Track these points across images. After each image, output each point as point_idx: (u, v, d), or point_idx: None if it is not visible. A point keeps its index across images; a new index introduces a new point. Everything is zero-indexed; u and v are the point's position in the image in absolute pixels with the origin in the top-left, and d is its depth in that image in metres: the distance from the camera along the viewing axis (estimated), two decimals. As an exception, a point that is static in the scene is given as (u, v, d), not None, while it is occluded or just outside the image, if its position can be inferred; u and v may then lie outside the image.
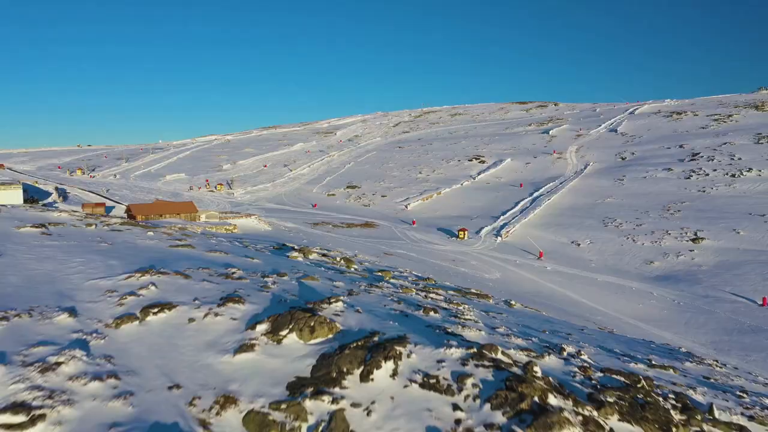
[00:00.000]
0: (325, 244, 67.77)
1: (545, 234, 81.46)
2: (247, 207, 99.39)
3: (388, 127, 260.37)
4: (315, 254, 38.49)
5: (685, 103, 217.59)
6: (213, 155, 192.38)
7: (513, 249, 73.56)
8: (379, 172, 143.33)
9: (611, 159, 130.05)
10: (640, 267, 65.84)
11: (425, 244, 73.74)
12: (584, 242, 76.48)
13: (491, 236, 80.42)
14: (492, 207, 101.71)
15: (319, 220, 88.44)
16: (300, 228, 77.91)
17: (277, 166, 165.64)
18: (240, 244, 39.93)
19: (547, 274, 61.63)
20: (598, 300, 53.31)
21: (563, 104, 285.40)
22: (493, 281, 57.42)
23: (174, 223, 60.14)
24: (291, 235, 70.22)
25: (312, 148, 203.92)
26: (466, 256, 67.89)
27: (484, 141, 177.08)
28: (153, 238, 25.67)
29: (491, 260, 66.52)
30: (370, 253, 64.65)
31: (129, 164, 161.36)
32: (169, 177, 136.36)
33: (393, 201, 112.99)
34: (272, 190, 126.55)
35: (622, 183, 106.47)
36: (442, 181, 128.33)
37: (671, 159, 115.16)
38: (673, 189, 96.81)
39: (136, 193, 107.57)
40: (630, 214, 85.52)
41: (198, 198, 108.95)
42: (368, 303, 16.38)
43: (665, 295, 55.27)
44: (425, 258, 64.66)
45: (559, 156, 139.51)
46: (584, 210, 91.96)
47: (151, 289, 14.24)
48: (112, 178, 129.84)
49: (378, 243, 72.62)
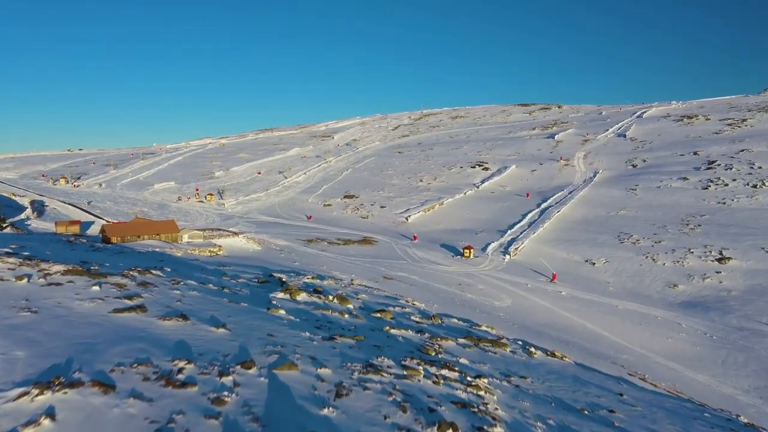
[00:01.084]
0: (318, 266, 63.28)
1: (557, 251, 77.00)
2: (237, 221, 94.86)
3: (387, 130, 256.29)
4: (304, 294, 34.02)
5: (694, 106, 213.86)
6: (206, 161, 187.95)
7: (523, 269, 69.07)
8: (378, 180, 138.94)
9: (621, 166, 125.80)
10: (663, 291, 61.36)
11: (428, 264, 69.23)
12: (599, 261, 72.00)
13: (499, 254, 75.96)
14: (498, 219, 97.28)
15: (314, 235, 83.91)
16: (292, 247, 73.35)
17: (271, 173, 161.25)
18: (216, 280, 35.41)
19: (562, 301, 57.15)
20: (621, 333, 48.82)
21: (567, 106, 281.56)
22: (504, 310, 52.93)
23: (152, 246, 55.63)
24: (282, 256, 65.70)
25: (308, 153, 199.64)
26: (473, 279, 63.38)
27: (487, 146, 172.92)
28: (97, 296, 21.03)
29: (500, 284, 62.02)
30: (369, 276, 60.14)
31: (117, 171, 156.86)
32: (157, 186, 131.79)
33: (393, 212, 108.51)
34: (265, 200, 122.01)
35: (635, 193, 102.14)
36: (444, 189, 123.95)
37: (686, 167, 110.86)
38: (690, 200, 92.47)
39: (120, 205, 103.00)
40: (647, 229, 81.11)
41: (186, 210, 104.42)
42: (361, 417, 12.03)
43: (695, 326, 50.79)
44: (429, 282, 60.14)
45: (567, 163, 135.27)
46: (597, 224, 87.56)
47: (42, 425, 9.67)
48: (97, 188, 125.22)
49: (377, 263, 68.11)
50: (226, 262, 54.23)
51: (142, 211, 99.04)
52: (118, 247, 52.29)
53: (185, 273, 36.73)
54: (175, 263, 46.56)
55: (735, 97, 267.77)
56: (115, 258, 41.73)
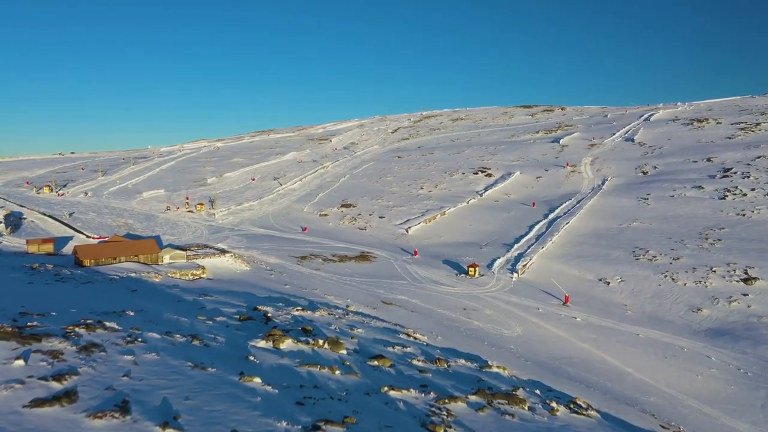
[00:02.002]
0: (311, 289, 58.92)
1: (568, 268, 72.66)
2: (227, 234, 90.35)
3: (387, 133, 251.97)
4: (289, 341, 29.63)
5: (701, 108, 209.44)
6: (199, 166, 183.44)
7: (533, 290, 64.69)
8: (376, 187, 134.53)
9: (631, 173, 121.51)
10: (686, 316, 57.00)
11: (430, 285, 64.83)
12: (614, 280, 67.67)
13: (506, 272, 71.58)
14: (503, 231, 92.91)
15: (308, 251, 79.43)
16: (284, 265, 68.87)
17: (266, 179, 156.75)
18: (189, 323, 30.95)
19: (578, 329, 52.79)
20: (645, 368, 44.48)
21: (570, 108, 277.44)
22: (514, 341, 48.57)
23: (128, 270, 51.17)
24: (272, 278, 61.26)
25: (305, 157, 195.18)
26: (479, 302, 58.98)
27: (489, 150, 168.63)
28: (17, 377, 16.57)
29: (509, 308, 57.65)
30: (366, 300, 55.76)
31: (105, 178, 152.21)
32: (146, 194, 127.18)
33: (392, 223, 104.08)
34: (258, 209, 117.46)
35: (647, 203, 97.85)
36: (446, 198, 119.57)
37: (700, 175, 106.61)
38: (707, 211, 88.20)
39: (104, 217, 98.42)
40: (663, 244, 76.81)
41: (173, 221, 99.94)
42: None
43: (726, 359, 46.46)
44: (432, 307, 55.77)
45: (573, 169, 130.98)
46: (609, 237, 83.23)
47: None
48: (82, 197, 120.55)
49: (375, 284, 63.71)
50: (209, 288, 49.85)
51: (127, 223, 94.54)
52: (89, 272, 47.85)
53: (154, 314, 32.15)
54: (148, 296, 42.17)
55: (741, 98, 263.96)
56: (76, 293, 37.32)
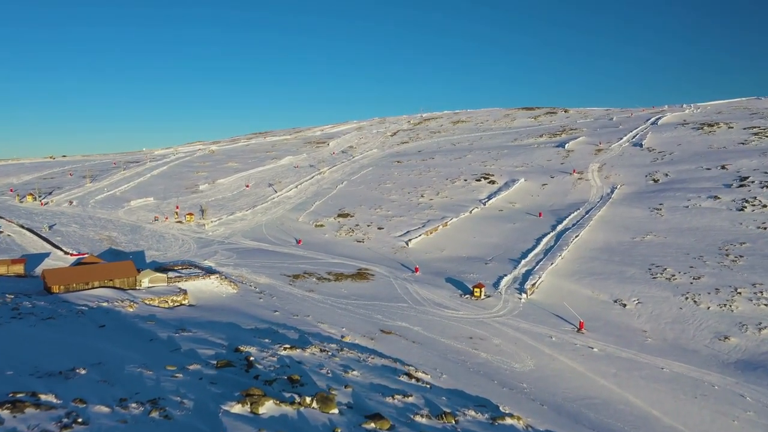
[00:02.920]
0: (303, 315, 54.76)
1: (580, 288, 68.47)
2: (216, 248, 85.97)
3: (386, 136, 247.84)
4: (271, 403, 25.43)
5: (709, 111, 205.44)
6: (191, 171, 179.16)
7: (544, 314, 60.46)
8: (375, 195, 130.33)
9: (641, 181, 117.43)
10: (712, 344, 52.83)
11: (433, 309, 60.56)
12: (630, 302, 63.50)
13: (513, 291, 67.37)
14: (509, 244, 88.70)
15: (302, 268, 75.14)
16: (275, 286, 64.58)
17: (261, 185, 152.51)
18: (154, 377, 26.65)
19: (596, 361, 48.58)
20: (674, 411, 40.28)
21: (573, 110, 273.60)
22: (527, 378, 44.36)
23: (99, 299, 46.88)
24: (260, 302, 56.95)
25: (301, 162, 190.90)
26: (487, 329, 54.74)
27: (492, 155, 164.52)
28: None
29: (519, 336, 53.42)
30: (363, 329, 51.54)
31: (93, 185, 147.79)
32: (134, 202, 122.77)
33: (391, 235, 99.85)
34: (251, 219, 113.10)
35: (659, 214, 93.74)
36: (448, 207, 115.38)
37: (715, 183, 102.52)
38: (724, 224, 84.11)
39: (87, 229, 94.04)
40: (680, 260, 72.68)
41: (161, 233, 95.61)
42: None
43: (762, 399, 42.24)
44: (435, 336, 51.54)
45: (580, 176, 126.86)
46: (622, 252, 79.07)
47: None
48: (67, 206, 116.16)
49: (373, 308, 59.44)
50: (189, 319, 45.58)
51: (111, 236, 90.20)
52: (55, 303, 43.57)
53: (113, 367, 27.66)
54: (116, 334, 37.87)
55: (746, 99, 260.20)
56: (27, 338, 32.99)
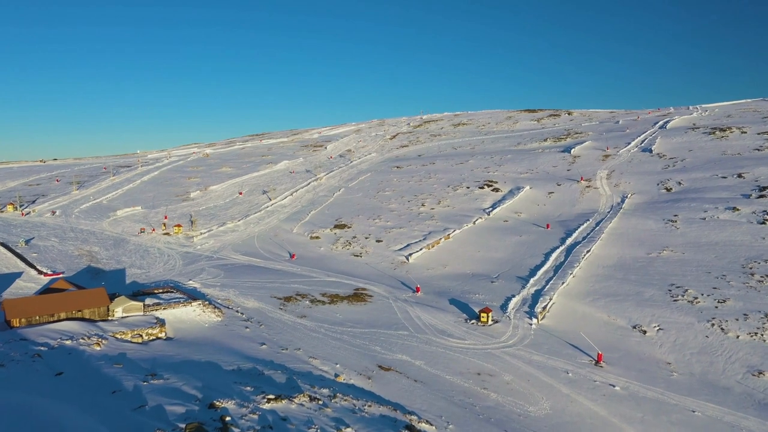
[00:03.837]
0: (294, 349, 50.07)
1: (594, 311, 63.94)
2: (203, 265, 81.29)
3: (385, 139, 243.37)
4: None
5: (718, 114, 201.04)
6: (184, 177, 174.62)
7: (558, 343, 55.86)
8: (373, 204, 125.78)
9: (653, 189, 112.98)
10: (744, 380, 48.32)
11: (436, 338, 55.92)
12: (651, 327, 58.98)
13: (523, 316, 62.79)
14: (516, 260, 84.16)
15: (294, 289, 70.47)
16: (264, 312, 59.92)
17: (254, 192, 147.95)
18: None
19: (618, 403, 44.01)
20: (713, 469, 35.85)
21: (577, 112, 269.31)
22: (542, 424, 39.75)
23: (63, 334, 42.20)
24: (246, 332, 52.34)
25: (297, 167, 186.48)
26: (496, 362, 50.14)
27: (495, 161, 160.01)
28: None
29: (532, 371, 48.83)
30: (359, 365, 46.91)
31: (80, 192, 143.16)
32: (120, 212, 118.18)
33: (390, 248, 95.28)
34: (243, 230, 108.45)
35: (675, 226, 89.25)
36: (450, 217, 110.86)
37: (732, 193, 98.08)
38: (746, 238, 79.64)
39: (67, 243, 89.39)
40: (702, 280, 68.20)
41: (146, 248, 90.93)
42: None
43: (811, 452, 37.84)
44: (439, 372, 46.94)
45: (588, 184, 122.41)
46: (638, 269, 74.56)
47: None
48: (49, 216, 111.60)
49: (371, 337, 54.84)
50: (163, 359, 40.93)
51: (91, 252, 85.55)
52: (11, 341, 38.91)
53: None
54: (73, 386, 33.16)
55: (753, 101, 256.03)
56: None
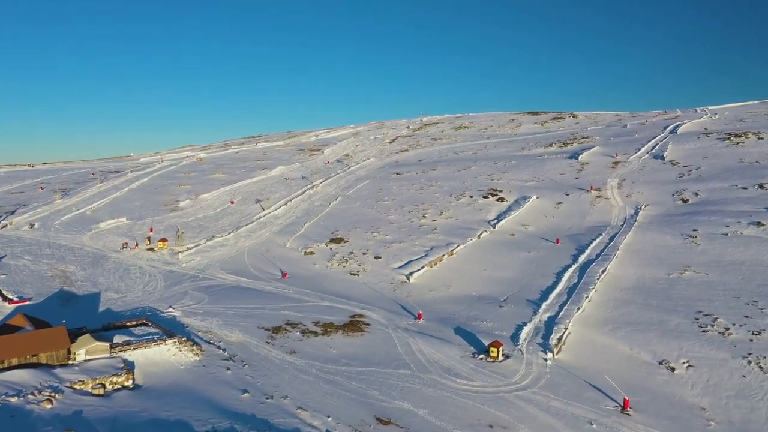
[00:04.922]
0: (280, 397, 44.73)
1: (615, 343, 58.67)
2: (186, 288, 75.88)
3: (384, 143, 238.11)
4: None
5: (729, 117, 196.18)
6: (174, 184, 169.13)
7: (577, 384, 50.52)
8: (372, 215, 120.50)
9: (668, 201, 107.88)
10: (793, 433, 43.13)
11: (441, 378, 50.57)
12: (679, 364, 53.72)
13: (536, 348, 57.46)
14: (526, 280, 78.91)
15: (284, 317, 65.11)
16: (249, 347, 54.57)
17: (247, 201, 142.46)
18: None
19: (653, 464, 38.85)
20: None
21: (582, 115, 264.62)
22: (569, 498, 34.57)
23: (8, 388, 36.82)
24: (227, 376, 47.03)
25: (293, 173, 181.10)
26: (510, 411, 44.84)
27: (499, 167, 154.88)
28: None
29: (551, 421, 43.52)
30: (354, 418, 41.48)
31: (63, 201, 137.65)
32: (104, 224, 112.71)
33: (390, 266, 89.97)
34: (233, 244, 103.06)
35: (695, 242, 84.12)
36: (453, 230, 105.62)
37: (755, 206, 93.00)
38: (774, 257, 74.53)
39: (41, 262, 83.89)
40: (731, 306, 63.01)
41: (126, 267, 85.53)
42: None
43: None
44: (446, 426, 41.59)
45: (599, 194, 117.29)
46: (659, 293, 69.36)
47: None
48: (27, 229, 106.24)
49: (368, 379, 49.49)
50: (123, 419, 35.59)
51: (66, 272, 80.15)
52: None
53: None
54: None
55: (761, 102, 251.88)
56: None
